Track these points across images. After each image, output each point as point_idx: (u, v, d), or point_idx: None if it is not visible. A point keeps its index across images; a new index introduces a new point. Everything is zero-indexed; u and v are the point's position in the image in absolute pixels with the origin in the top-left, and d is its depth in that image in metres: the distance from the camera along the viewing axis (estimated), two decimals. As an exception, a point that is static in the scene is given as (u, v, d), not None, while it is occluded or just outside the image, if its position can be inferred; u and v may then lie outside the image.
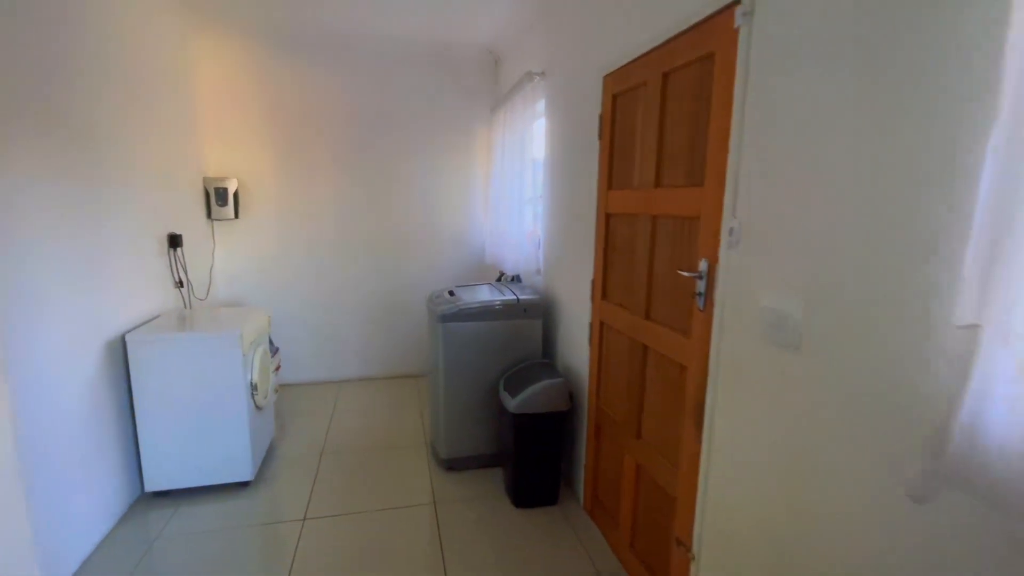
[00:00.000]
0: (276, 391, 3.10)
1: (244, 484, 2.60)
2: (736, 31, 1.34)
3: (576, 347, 2.54)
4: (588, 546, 2.21)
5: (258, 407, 2.68)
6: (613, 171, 2.11)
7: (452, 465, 2.80)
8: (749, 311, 1.33)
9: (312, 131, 3.82)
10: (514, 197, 3.30)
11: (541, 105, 3.00)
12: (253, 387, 2.59)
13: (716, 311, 1.46)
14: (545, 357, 2.89)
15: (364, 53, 3.81)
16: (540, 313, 2.79)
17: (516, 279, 3.38)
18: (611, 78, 2.07)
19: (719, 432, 1.47)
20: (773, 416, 1.26)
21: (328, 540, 2.22)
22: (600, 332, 2.26)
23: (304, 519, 2.36)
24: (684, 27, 1.57)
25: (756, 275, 1.30)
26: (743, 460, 1.37)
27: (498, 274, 3.69)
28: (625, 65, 1.94)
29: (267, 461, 2.86)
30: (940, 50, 0.85)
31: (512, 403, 2.39)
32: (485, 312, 2.69)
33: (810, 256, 1.13)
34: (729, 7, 1.37)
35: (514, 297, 2.76)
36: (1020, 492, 0.70)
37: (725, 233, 1.41)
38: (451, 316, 2.64)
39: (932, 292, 0.85)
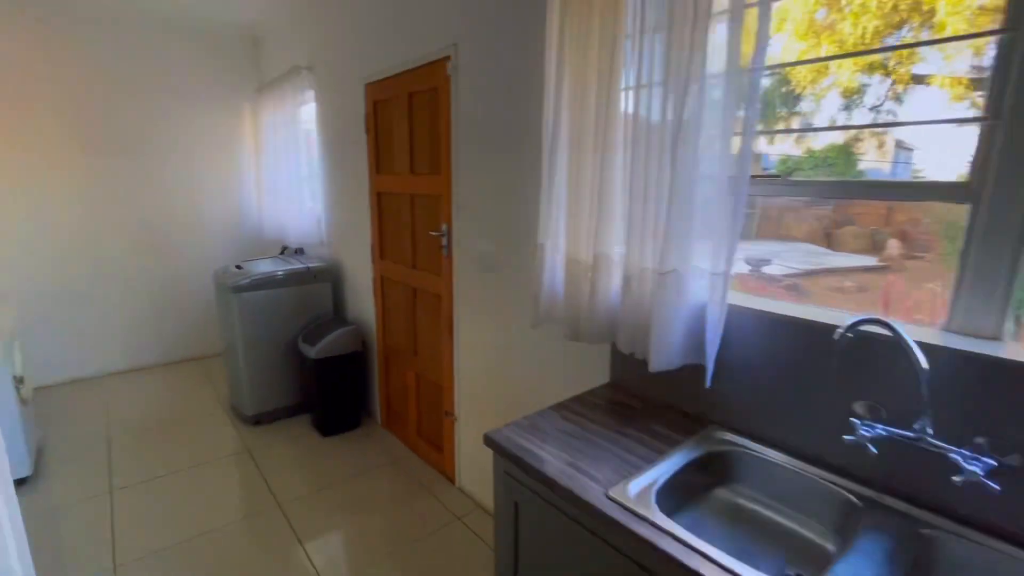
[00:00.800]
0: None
1: (22, 481, 2.49)
2: (449, 77, 2.11)
3: (363, 300, 3.14)
4: (386, 448, 2.91)
5: (24, 401, 2.55)
6: (380, 159, 2.74)
7: (260, 419, 3.13)
8: (471, 253, 2.16)
9: (52, 109, 3.39)
10: (292, 176, 3.62)
11: (310, 94, 3.38)
12: (19, 380, 2.47)
13: (455, 255, 2.27)
14: (337, 313, 3.41)
15: (112, 26, 3.51)
16: (329, 277, 3.28)
17: (300, 251, 3.74)
18: (371, 87, 2.67)
19: (463, 334, 2.31)
20: (490, 315, 2.13)
21: (148, 502, 2.40)
22: (381, 284, 2.92)
23: (111, 490, 2.46)
24: (419, 64, 2.28)
25: (473, 230, 2.14)
26: (478, 347, 2.23)
27: (280, 248, 3.96)
28: (382, 79, 2.57)
29: (42, 456, 2.72)
30: (527, 121, 1.74)
31: (313, 351, 2.88)
32: (278, 280, 3.05)
33: (482, 216, 2.00)
34: (444, 60, 2.13)
35: (304, 266, 3.18)
36: (566, 319, 1.63)
37: (455, 206, 2.21)
38: (246, 287, 2.93)
39: (534, 230, 1.77)
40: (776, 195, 1.38)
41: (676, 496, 1.12)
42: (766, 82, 1.45)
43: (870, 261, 1.63)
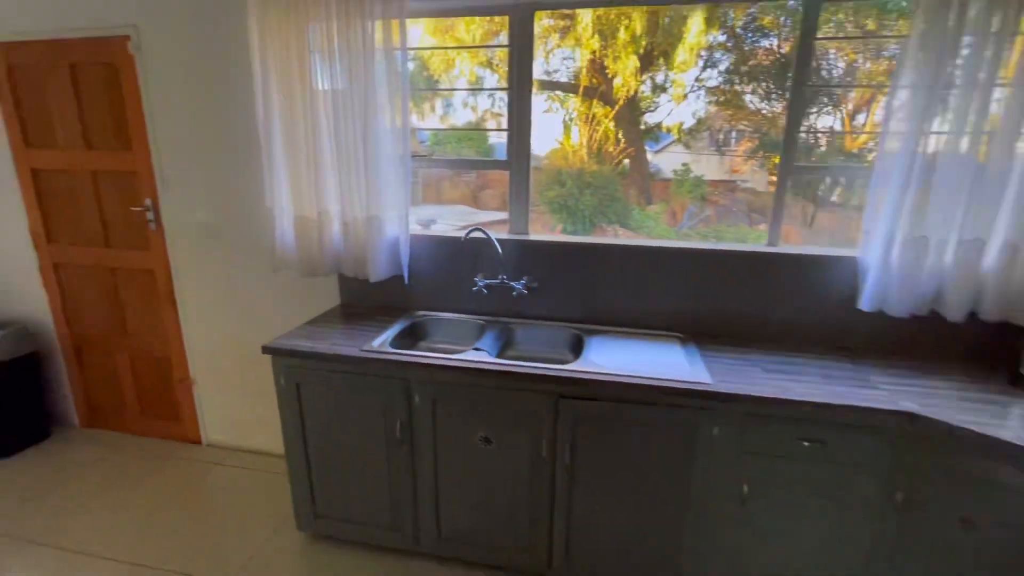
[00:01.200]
0: None
1: None
2: (132, 56, 2.20)
3: (24, 295, 2.72)
4: (99, 443, 2.75)
5: None
6: (28, 132, 2.45)
7: None
8: (189, 224, 2.38)
9: None
10: None
11: None
12: None
13: (166, 229, 2.41)
14: (-25, 319, 2.80)
15: None
16: (-45, 275, 2.67)
17: None
18: (1, 48, 2.34)
19: (189, 302, 2.50)
20: (219, 277, 2.42)
21: None
22: (56, 272, 2.64)
23: None
24: (84, 36, 2.23)
25: (189, 203, 2.35)
26: (209, 309, 2.48)
27: None
28: (22, 43, 2.30)
29: None
30: (236, 105, 2.13)
31: (-34, 361, 2.42)
32: None
33: (197, 188, 2.30)
34: (123, 38, 2.19)
35: (-93, 264, 2.51)
36: (300, 262, 2.17)
37: (160, 181, 2.34)
38: None
39: (257, 196, 2.21)
40: (426, 167, 2.27)
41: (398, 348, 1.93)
42: (412, 66, 2.25)
43: (502, 215, 2.71)
